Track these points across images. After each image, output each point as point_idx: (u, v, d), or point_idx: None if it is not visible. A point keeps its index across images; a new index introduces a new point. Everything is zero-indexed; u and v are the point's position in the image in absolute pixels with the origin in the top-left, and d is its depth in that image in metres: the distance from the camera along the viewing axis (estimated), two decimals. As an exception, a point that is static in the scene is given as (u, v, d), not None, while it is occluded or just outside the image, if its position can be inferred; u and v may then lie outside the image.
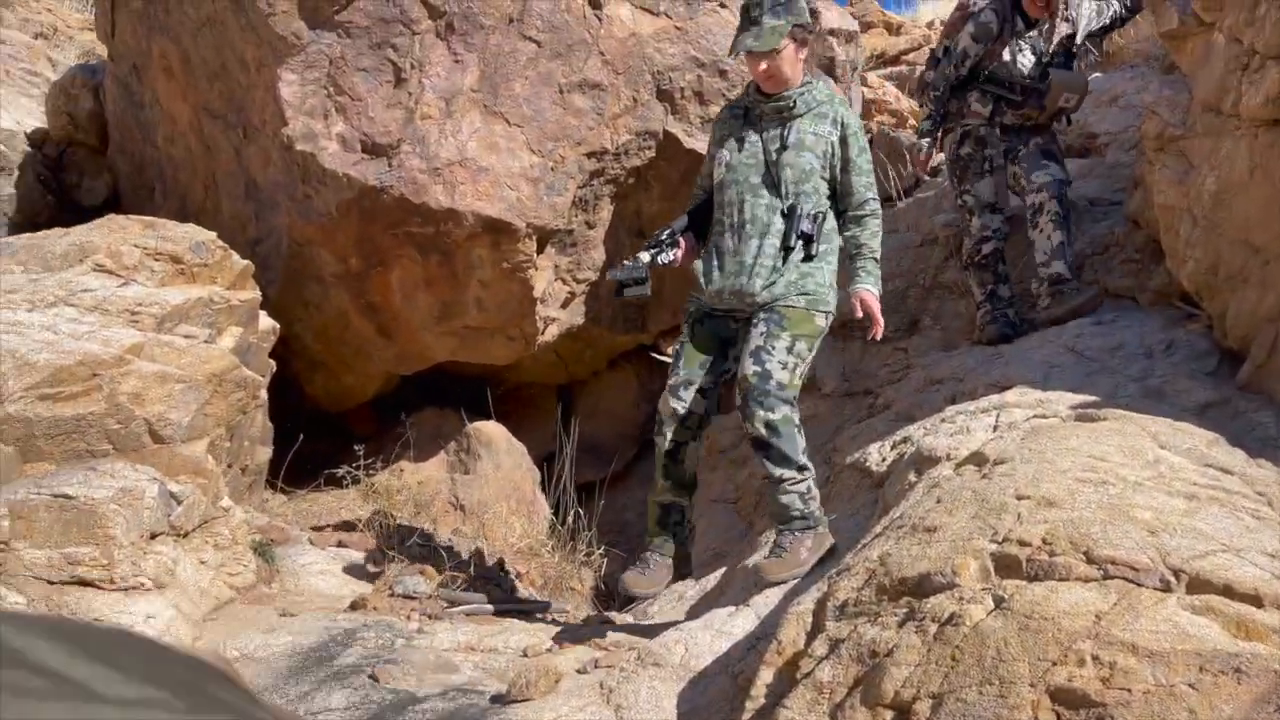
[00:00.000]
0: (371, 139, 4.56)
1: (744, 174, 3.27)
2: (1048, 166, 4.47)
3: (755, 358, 3.16)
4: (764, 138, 3.27)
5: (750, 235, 3.23)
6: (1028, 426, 2.97)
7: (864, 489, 3.54)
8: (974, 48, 4.53)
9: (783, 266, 3.22)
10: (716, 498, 5.10)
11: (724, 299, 3.28)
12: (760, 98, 3.31)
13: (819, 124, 3.28)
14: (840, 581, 2.46)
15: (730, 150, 3.32)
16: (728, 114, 3.47)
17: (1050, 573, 2.13)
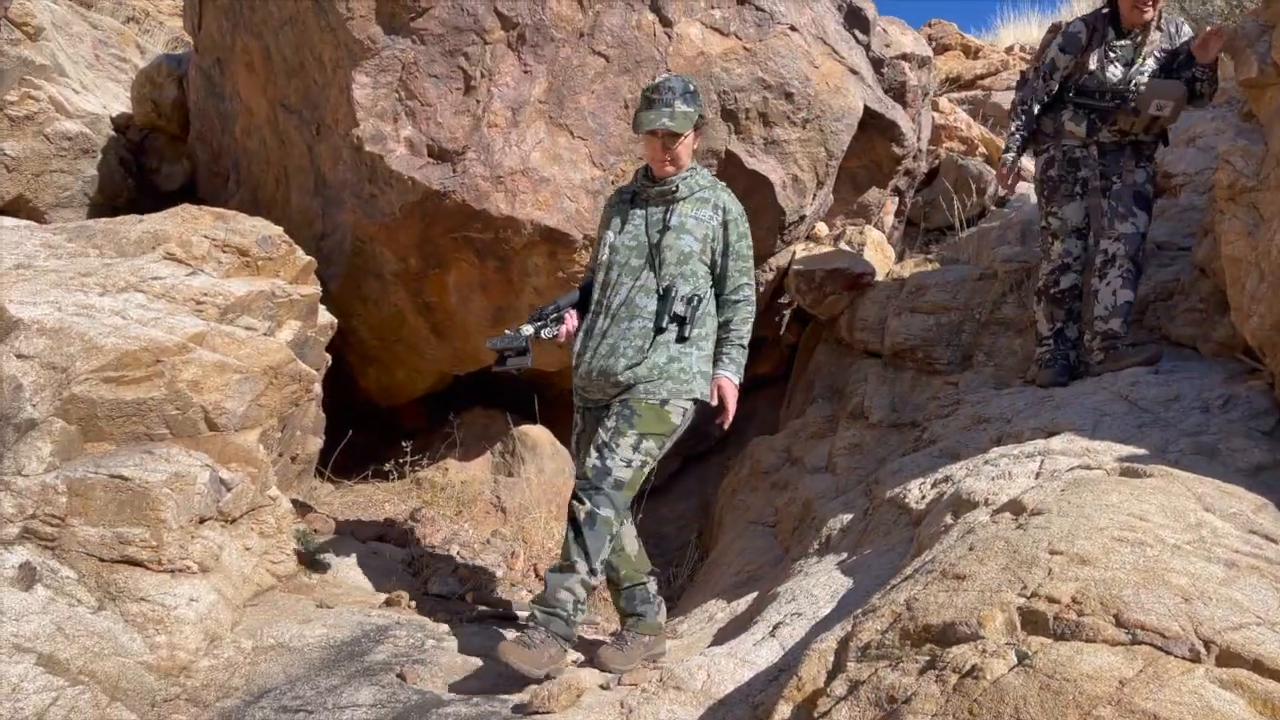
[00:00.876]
0: (438, 144, 4.66)
1: (625, 256, 3.31)
2: (1135, 216, 4.27)
3: (600, 451, 3.19)
4: (647, 220, 3.32)
5: (622, 318, 3.26)
6: (1070, 477, 2.93)
7: (901, 525, 3.51)
8: (1062, 59, 4.41)
9: (648, 348, 3.21)
10: (755, 519, 5.10)
11: (592, 380, 3.29)
12: (648, 182, 3.37)
13: (700, 208, 3.32)
14: (865, 622, 2.46)
15: (614, 232, 3.37)
16: (616, 199, 3.49)
17: (1077, 633, 2.11)
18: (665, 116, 3.20)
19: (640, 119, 3.26)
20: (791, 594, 3.40)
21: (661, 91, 3.25)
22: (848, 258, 5.79)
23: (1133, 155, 4.38)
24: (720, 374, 3.34)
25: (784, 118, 5.18)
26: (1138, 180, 4.32)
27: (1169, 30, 4.38)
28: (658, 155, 3.28)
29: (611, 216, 3.42)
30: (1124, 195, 4.29)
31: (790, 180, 5.34)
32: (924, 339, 5.07)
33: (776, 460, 5.52)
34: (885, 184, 6.28)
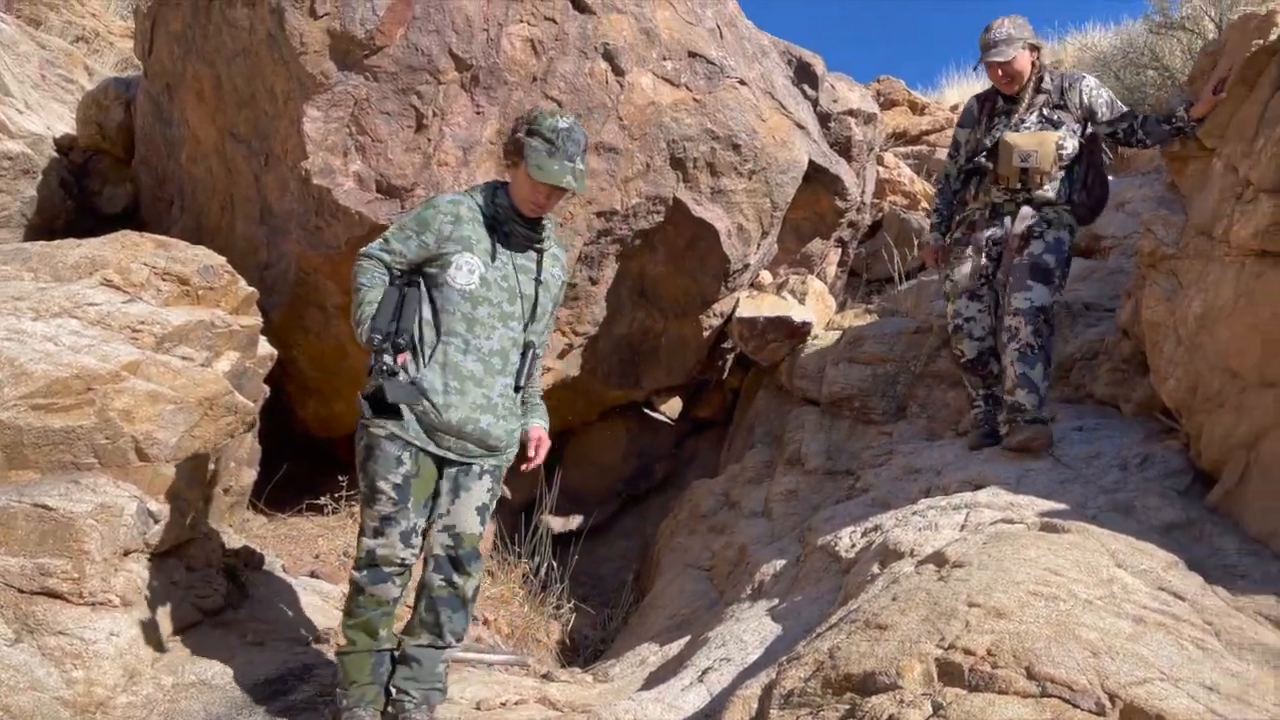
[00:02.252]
0: (388, 180, 4.68)
1: (498, 296, 2.96)
2: (1030, 289, 4.15)
3: (481, 516, 3.00)
4: (515, 264, 2.99)
5: (496, 369, 2.97)
6: (992, 530, 3.02)
7: (831, 573, 3.57)
8: (961, 133, 4.53)
9: (515, 408, 3.05)
10: (692, 562, 5.13)
11: (463, 434, 2.94)
12: (515, 216, 2.98)
13: (554, 265, 3.12)
14: (789, 670, 2.50)
15: (483, 262, 2.94)
16: (469, 212, 2.98)
17: (990, 684, 2.17)
18: (571, 175, 2.87)
19: (543, 166, 2.84)
20: (722, 639, 3.43)
21: (567, 142, 2.88)
22: (790, 307, 5.90)
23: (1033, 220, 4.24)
24: (533, 422, 3.14)
25: (731, 168, 5.29)
26: (1034, 252, 4.19)
27: (1060, 86, 4.30)
28: (539, 201, 2.93)
29: (468, 235, 2.94)
30: (1020, 269, 4.20)
31: (736, 229, 5.44)
32: (860, 389, 5.18)
33: (715, 504, 5.58)
34: (828, 235, 6.43)
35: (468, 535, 2.97)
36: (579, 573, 5.94)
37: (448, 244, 2.94)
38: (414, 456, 2.91)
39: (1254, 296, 3.44)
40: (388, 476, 2.89)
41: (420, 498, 2.93)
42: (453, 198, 3.02)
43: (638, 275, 5.58)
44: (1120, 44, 10.04)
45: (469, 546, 2.97)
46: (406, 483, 2.91)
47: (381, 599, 2.95)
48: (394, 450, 2.89)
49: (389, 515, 2.89)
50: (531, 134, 2.89)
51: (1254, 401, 3.38)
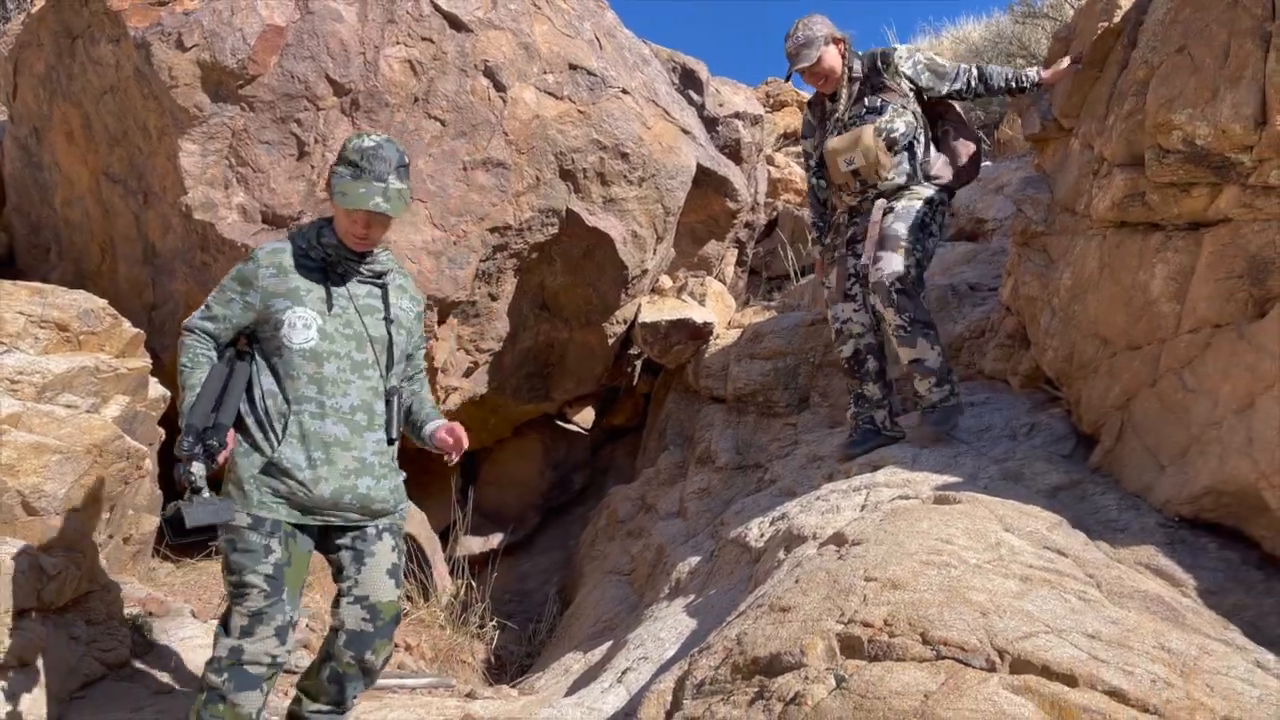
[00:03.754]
0: (273, 210, 4.61)
1: (343, 346, 2.70)
2: (879, 259, 3.91)
3: (397, 581, 2.77)
4: (355, 304, 2.74)
5: (362, 425, 2.70)
6: (889, 508, 3.12)
7: (743, 564, 3.65)
8: (806, 144, 4.40)
9: (388, 468, 2.78)
10: (612, 569, 5.16)
11: (340, 506, 2.68)
12: (346, 253, 2.73)
13: (402, 296, 2.88)
14: (700, 660, 2.55)
15: (318, 313, 2.68)
16: (293, 260, 2.72)
17: (889, 653, 2.25)
18: (380, 196, 2.61)
19: (348, 192, 2.61)
20: (640, 640, 3.47)
21: (374, 161, 2.63)
22: (691, 309, 5.99)
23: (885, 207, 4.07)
24: (438, 421, 2.97)
25: (620, 177, 5.36)
26: (883, 224, 3.98)
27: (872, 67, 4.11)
28: (358, 232, 2.69)
29: (295, 286, 2.68)
30: (869, 245, 3.99)
31: (630, 236, 5.51)
32: (763, 383, 5.29)
33: (632, 509, 5.62)
34: (724, 237, 6.55)
35: (384, 605, 2.73)
36: (504, 590, 5.91)
37: (275, 300, 2.66)
38: (284, 541, 2.61)
39: (1115, 266, 3.64)
40: (256, 568, 2.57)
41: (295, 587, 2.63)
42: (273, 246, 2.73)
43: (538, 288, 5.60)
44: (990, 35, 10.47)
45: (388, 617, 2.73)
46: (279, 572, 2.59)
47: (243, 711, 2.58)
48: (260, 539, 2.59)
49: (260, 611, 2.56)
50: (339, 161, 2.68)
51: (1124, 365, 3.57)
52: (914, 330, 3.89)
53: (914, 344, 3.90)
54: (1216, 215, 3.16)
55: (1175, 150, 3.10)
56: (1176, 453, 3.20)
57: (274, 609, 2.58)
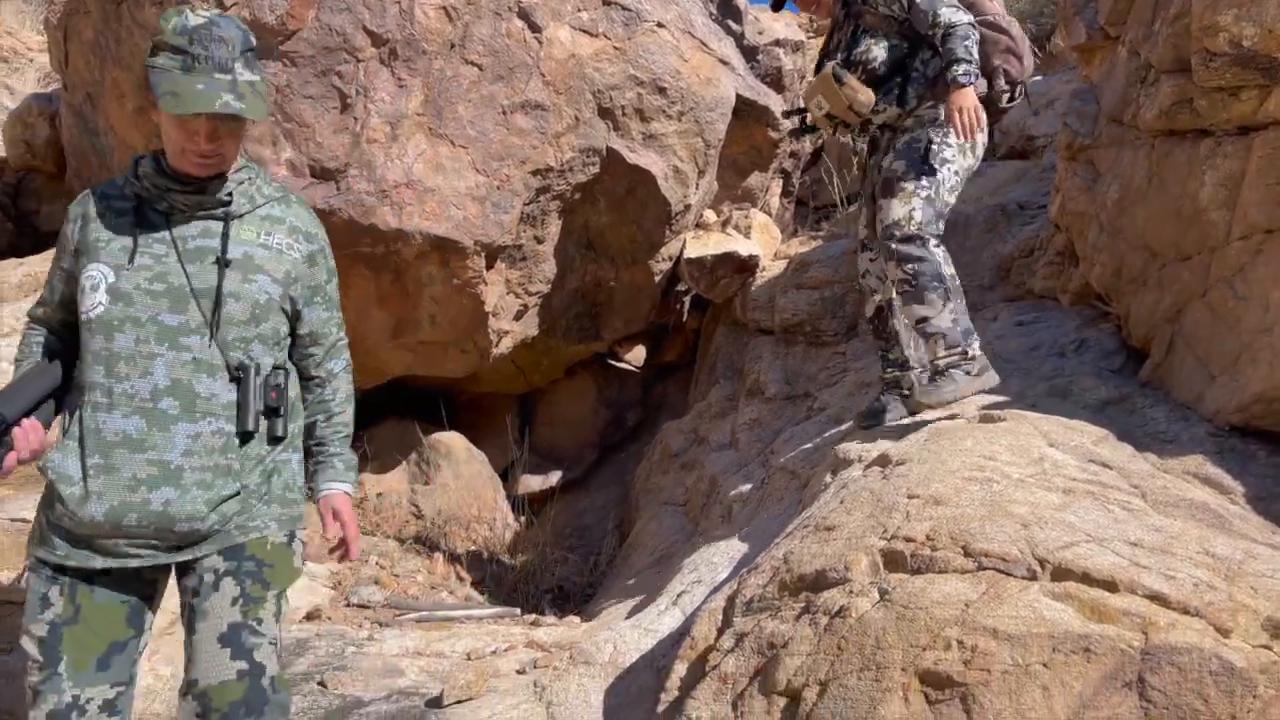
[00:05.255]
0: (320, 163, 4.70)
1: (146, 309, 1.96)
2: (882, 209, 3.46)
3: (237, 648, 1.94)
4: (178, 247, 2.00)
5: (173, 415, 1.94)
6: (933, 428, 3.16)
7: (791, 489, 3.72)
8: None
9: (240, 466, 2.00)
10: (667, 500, 5.27)
11: (124, 530, 1.90)
12: (174, 185, 2.01)
13: (273, 231, 2.10)
14: (749, 579, 2.64)
15: (113, 266, 1.97)
16: (99, 205, 2.05)
17: (931, 566, 2.31)
18: (227, 90, 1.90)
19: (180, 91, 1.88)
20: (694, 565, 3.57)
21: (210, 44, 1.91)
22: (736, 242, 5.99)
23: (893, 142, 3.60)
24: (332, 488, 2.21)
25: (660, 112, 5.35)
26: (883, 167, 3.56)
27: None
28: (196, 146, 1.96)
29: (96, 239, 2.01)
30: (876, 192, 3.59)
31: (672, 172, 5.51)
32: (810, 313, 5.30)
33: (685, 442, 5.71)
34: (767, 167, 6.50)
35: (215, 690, 1.91)
36: (563, 526, 6.08)
37: (80, 260, 2.02)
38: (68, 590, 1.91)
39: (1164, 175, 3.57)
40: (30, 628, 1.90)
41: (84, 654, 1.89)
42: (83, 194, 2.10)
43: (582, 228, 5.64)
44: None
45: (225, 705, 1.90)
46: (54, 635, 1.89)
47: None
48: (40, 585, 1.93)
49: (36, 689, 1.87)
50: (156, 51, 1.94)
51: (1173, 276, 3.53)
52: (919, 284, 3.29)
53: (920, 299, 3.29)
54: (1266, 118, 3.09)
55: (1222, 53, 3.03)
56: (1227, 362, 3.17)
57: (46, 686, 1.86)
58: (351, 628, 3.71)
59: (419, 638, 3.56)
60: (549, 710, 2.80)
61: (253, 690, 1.92)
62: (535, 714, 2.79)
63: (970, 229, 5.41)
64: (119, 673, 1.93)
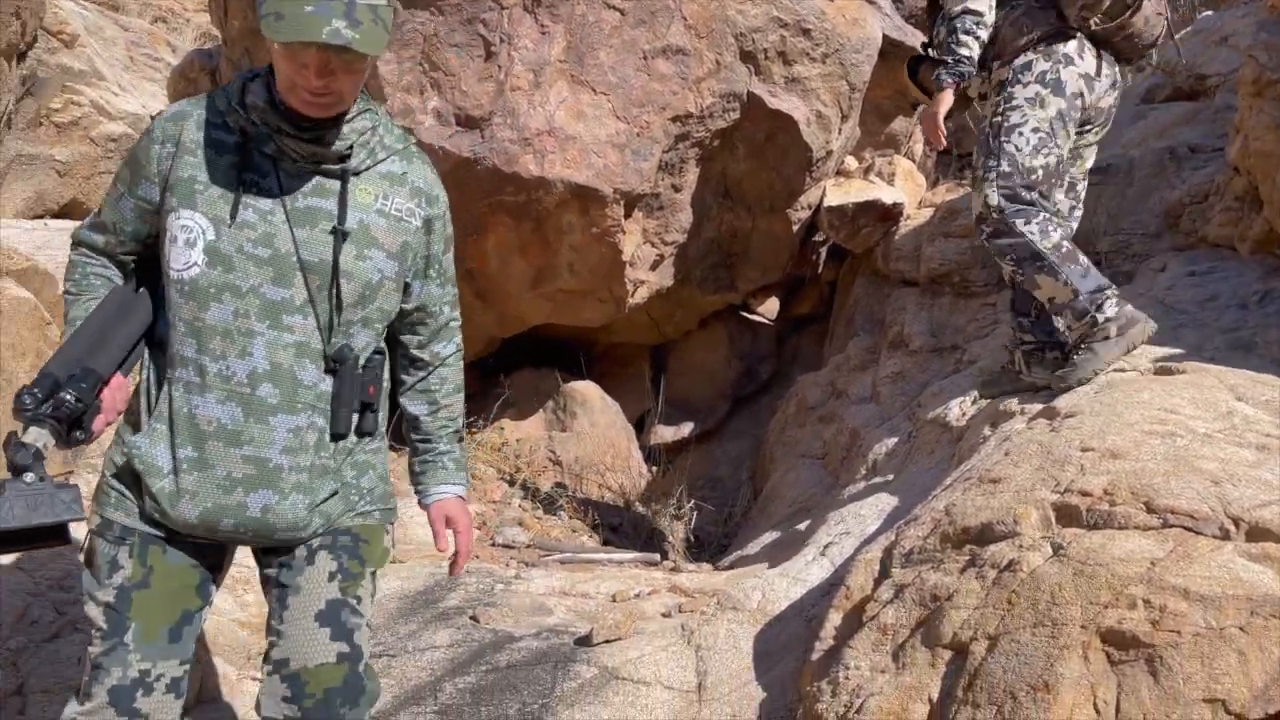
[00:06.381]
0: (465, 112, 4.76)
1: (248, 277, 1.70)
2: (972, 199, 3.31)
3: (337, 628, 1.76)
4: (288, 207, 1.72)
5: (271, 404, 1.72)
6: (1104, 380, 2.99)
7: (943, 443, 3.60)
8: None
9: (336, 463, 1.81)
10: (804, 453, 5.21)
11: (216, 533, 1.74)
12: (287, 125, 1.70)
13: (394, 194, 1.81)
14: (907, 530, 2.57)
15: (212, 219, 1.69)
16: (197, 131, 1.73)
17: (1109, 521, 2.20)
18: (340, 17, 1.56)
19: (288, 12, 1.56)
20: (840, 517, 3.52)
21: None
22: (879, 189, 5.81)
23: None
24: (444, 491, 1.99)
25: (803, 54, 5.19)
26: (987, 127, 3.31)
27: None
28: (309, 82, 1.64)
29: (193, 173, 1.71)
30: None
31: (814, 116, 5.36)
32: (959, 263, 5.10)
33: (822, 395, 5.61)
34: (912, 112, 6.26)
35: (311, 673, 1.72)
36: (696, 477, 6.08)
37: (168, 196, 1.72)
38: (138, 550, 1.72)
39: (1371, 110, 3.26)
40: (96, 594, 1.70)
41: (155, 621, 1.69)
42: (176, 110, 1.76)
43: (720, 176, 5.57)
44: None
45: (319, 693, 1.71)
46: (123, 600, 1.69)
47: None
48: (108, 548, 1.73)
49: (97, 662, 1.66)
50: None
51: (1378, 220, 3.23)
52: (1025, 271, 3.13)
53: (1033, 284, 3.14)
54: None
55: None
56: None
57: (110, 658, 1.65)
58: (499, 566, 3.81)
59: (564, 578, 3.63)
60: (698, 653, 2.81)
61: (351, 677, 1.74)
62: (684, 656, 2.80)
63: (1135, 173, 5.09)
64: (187, 647, 1.73)
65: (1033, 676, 1.93)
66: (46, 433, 1.53)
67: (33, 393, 1.54)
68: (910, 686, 2.13)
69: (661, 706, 2.61)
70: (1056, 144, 3.15)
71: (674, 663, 2.77)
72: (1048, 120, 3.15)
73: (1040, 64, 3.18)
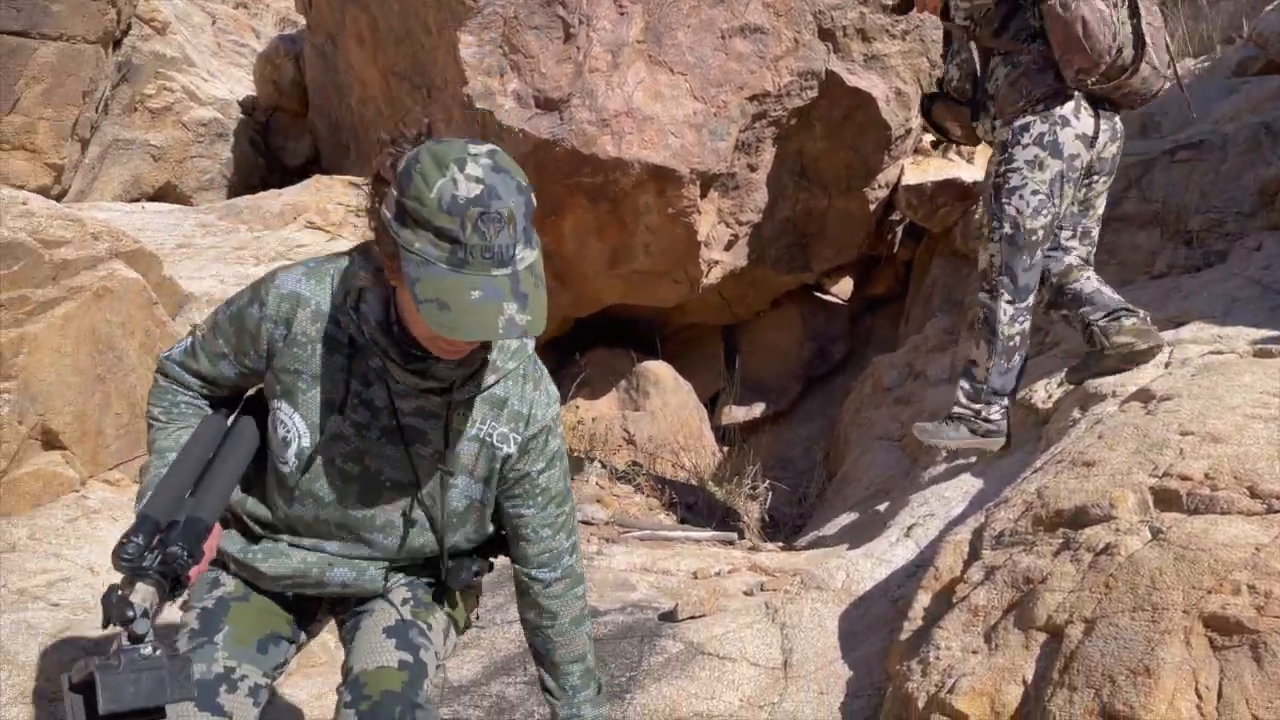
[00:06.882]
0: (544, 94, 4.81)
1: (333, 490, 1.67)
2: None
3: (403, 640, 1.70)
4: (385, 425, 1.64)
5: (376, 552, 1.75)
6: (1200, 363, 2.93)
7: (1028, 426, 3.56)
8: None
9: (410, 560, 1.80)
10: (881, 435, 5.18)
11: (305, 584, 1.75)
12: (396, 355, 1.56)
13: (494, 419, 1.69)
14: (997, 513, 2.56)
15: (307, 426, 1.63)
16: (310, 323, 1.61)
17: (1211, 506, 2.16)
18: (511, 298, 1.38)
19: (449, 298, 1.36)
20: (923, 498, 3.50)
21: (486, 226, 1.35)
22: (958, 167, 5.72)
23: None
24: None
25: (882, 31, 5.13)
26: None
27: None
28: (458, 349, 1.54)
29: (298, 366, 1.63)
30: None
31: (893, 94, 5.30)
32: (1042, 242, 5.00)
33: (899, 376, 5.57)
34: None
35: (370, 674, 1.65)
36: (769, 458, 6.09)
37: (274, 382, 1.65)
38: (237, 577, 1.77)
39: None
40: (197, 604, 1.72)
41: (248, 630, 1.69)
42: (293, 288, 1.61)
43: (796, 155, 5.54)
44: None
45: (375, 694, 1.61)
46: (220, 607, 1.70)
47: None
48: (209, 571, 1.76)
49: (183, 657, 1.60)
50: (409, 221, 1.39)
51: None
52: (983, 334, 3.44)
53: (974, 346, 3.48)
54: None
55: None
56: None
57: (198, 654, 1.62)
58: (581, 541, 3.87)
59: (645, 555, 3.68)
60: (783, 631, 2.84)
61: (411, 685, 1.63)
62: (769, 634, 2.83)
63: (1228, 150, 4.92)
64: (273, 662, 1.69)
65: (1132, 660, 1.92)
66: (153, 590, 1.41)
67: (135, 540, 1.45)
68: (1003, 668, 2.13)
69: (748, 682, 2.65)
70: (1054, 204, 3.32)
71: (759, 640, 2.80)
72: (1046, 183, 3.30)
73: (1038, 126, 3.28)
